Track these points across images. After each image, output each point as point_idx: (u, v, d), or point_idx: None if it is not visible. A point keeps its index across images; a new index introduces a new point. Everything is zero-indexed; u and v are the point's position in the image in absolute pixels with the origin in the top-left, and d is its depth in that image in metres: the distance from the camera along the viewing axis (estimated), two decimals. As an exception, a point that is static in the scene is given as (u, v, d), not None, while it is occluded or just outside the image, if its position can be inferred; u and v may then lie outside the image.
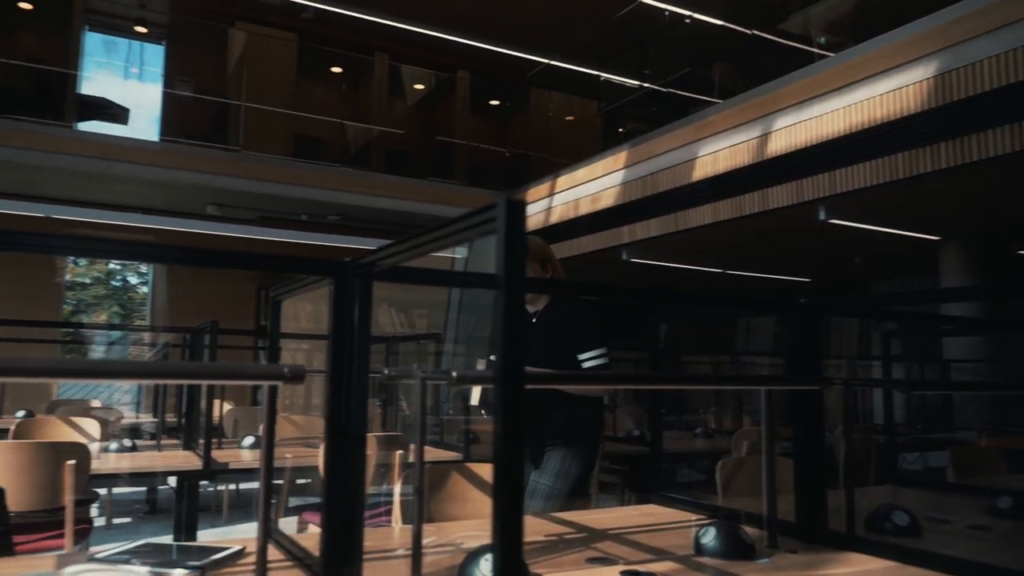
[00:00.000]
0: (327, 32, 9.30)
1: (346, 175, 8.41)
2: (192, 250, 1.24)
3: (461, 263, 7.02)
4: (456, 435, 3.94)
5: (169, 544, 1.64)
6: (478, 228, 0.97)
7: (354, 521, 1.30)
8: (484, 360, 2.66)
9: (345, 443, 1.30)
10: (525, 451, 2.58)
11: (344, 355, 1.31)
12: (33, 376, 0.82)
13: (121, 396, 11.03)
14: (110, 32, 9.63)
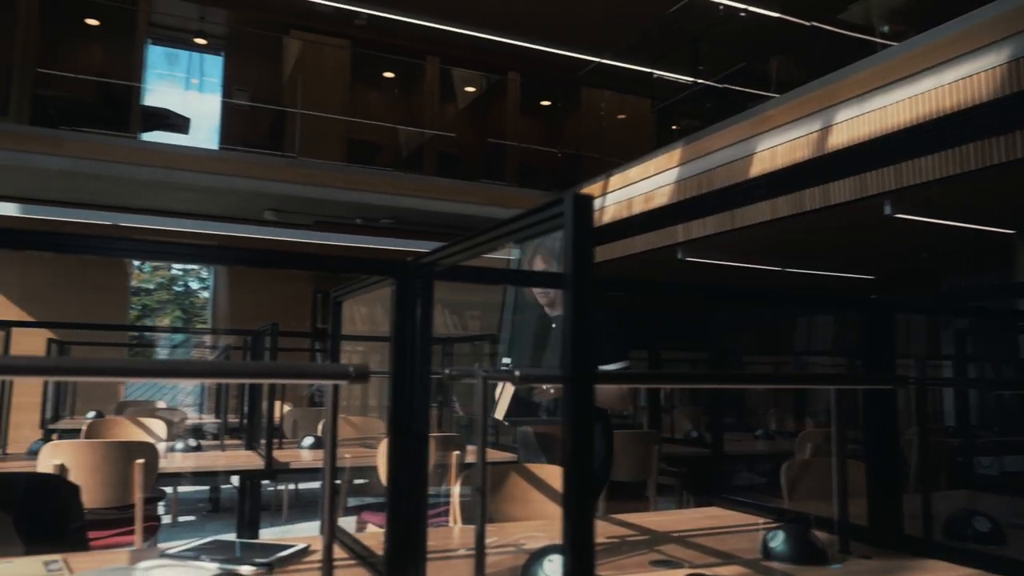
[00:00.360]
0: (379, 38, 9.42)
1: (399, 179, 8.49)
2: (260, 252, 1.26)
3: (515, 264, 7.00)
4: (511, 436, 3.93)
5: (236, 541, 1.67)
6: (543, 225, 0.96)
7: (418, 520, 1.30)
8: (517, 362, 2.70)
9: (408, 442, 1.30)
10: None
11: (406, 354, 1.31)
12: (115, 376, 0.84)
13: (184, 398, 11.37)
14: (171, 44, 9.94)
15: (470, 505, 2.02)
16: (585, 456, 0.83)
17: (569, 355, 0.83)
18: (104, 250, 1.11)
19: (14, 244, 1.11)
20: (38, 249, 0.98)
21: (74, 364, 0.80)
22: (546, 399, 2.43)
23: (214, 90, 9.88)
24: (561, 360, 0.84)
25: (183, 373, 1.01)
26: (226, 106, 9.47)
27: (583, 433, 0.83)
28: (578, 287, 0.86)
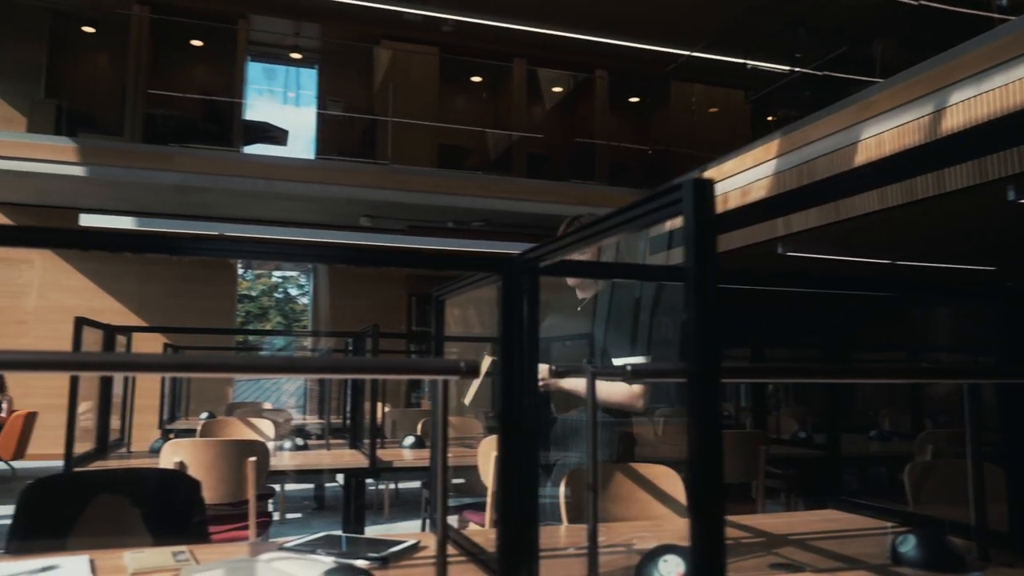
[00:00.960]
0: (466, 43, 9.54)
1: (488, 181, 8.57)
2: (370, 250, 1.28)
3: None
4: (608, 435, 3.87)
5: (348, 536, 1.70)
6: (660, 213, 0.92)
7: (530, 518, 1.29)
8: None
9: (518, 439, 1.29)
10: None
11: (514, 351, 1.30)
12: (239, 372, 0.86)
13: (287, 399, 11.81)
14: (269, 60, 10.37)
15: (575, 504, 2.00)
16: (714, 456, 0.79)
17: (694, 349, 0.80)
18: (234, 252, 1.16)
19: (135, 248, 1.17)
20: (157, 252, 1.02)
21: (212, 360, 0.83)
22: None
23: (310, 102, 10.25)
24: (684, 354, 0.81)
25: (302, 369, 1.03)
26: (321, 117, 9.80)
27: (711, 431, 0.79)
28: (701, 278, 0.82)
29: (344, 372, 0.93)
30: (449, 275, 1.86)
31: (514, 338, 1.30)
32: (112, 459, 3.34)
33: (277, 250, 1.43)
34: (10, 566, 1.34)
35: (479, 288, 1.77)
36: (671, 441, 5.55)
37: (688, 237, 0.84)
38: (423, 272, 9.11)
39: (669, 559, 1.33)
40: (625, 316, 2.35)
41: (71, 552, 1.46)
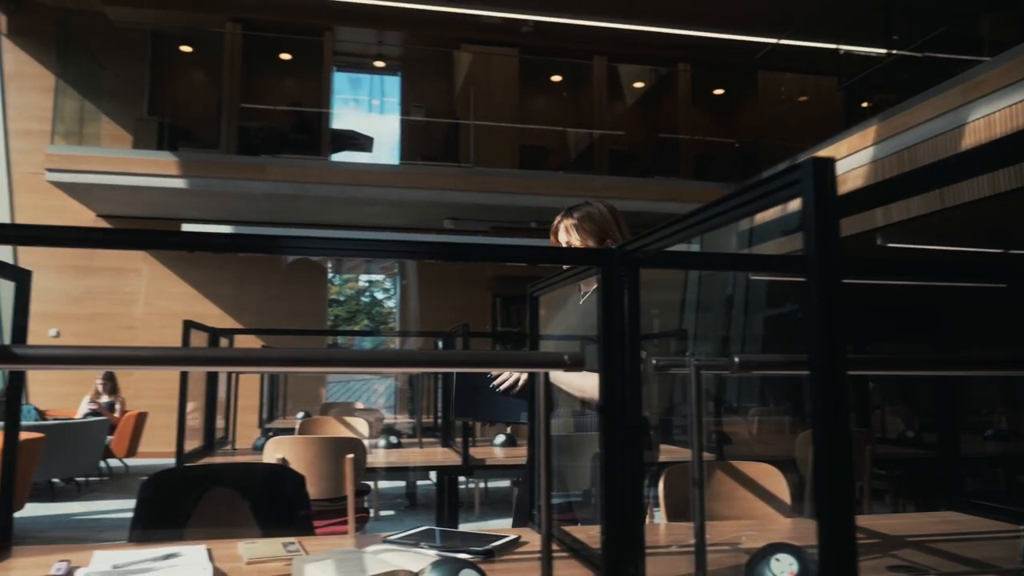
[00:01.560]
0: (546, 43, 9.54)
1: (570, 180, 8.55)
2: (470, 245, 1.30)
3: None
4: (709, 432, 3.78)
5: (450, 531, 1.72)
6: (775, 196, 0.89)
7: (636, 514, 1.27)
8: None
9: (622, 434, 1.27)
10: None
11: (615, 344, 1.28)
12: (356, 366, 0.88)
13: (377, 399, 12.09)
14: (354, 70, 10.66)
15: (675, 502, 1.96)
16: (843, 454, 0.75)
17: (818, 339, 0.76)
18: (337, 251, 1.18)
19: (237, 248, 1.21)
20: (257, 252, 1.05)
21: (325, 356, 0.86)
22: (508, 390, 1.99)
23: (393, 108, 10.47)
24: (808, 346, 0.77)
25: (408, 363, 1.04)
26: (404, 123, 10.00)
27: (838, 427, 0.75)
28: (824, 262, 0.78)
29: (449, 366, 0.93)
30: (540, 273, 1.86)
31: (615, 331, 1.29)
32: (218, 456, 3.48)
33: (379, 247, 1.45)
34: (135, 553, 1.41)
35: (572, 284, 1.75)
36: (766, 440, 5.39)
37: (808, 220, 0.80)
38: (508, 273, 9.17)
39: (781, 558, 1.28)
40: (715, 311, 2.28)
41: (189, 541, 1.53)
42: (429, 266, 9.54)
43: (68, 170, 7.94)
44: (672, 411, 4.33)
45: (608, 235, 2.12)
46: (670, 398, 4.47)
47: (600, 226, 2.11)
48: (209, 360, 1.00)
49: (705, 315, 7.39)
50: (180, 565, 1.36)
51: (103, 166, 8.06)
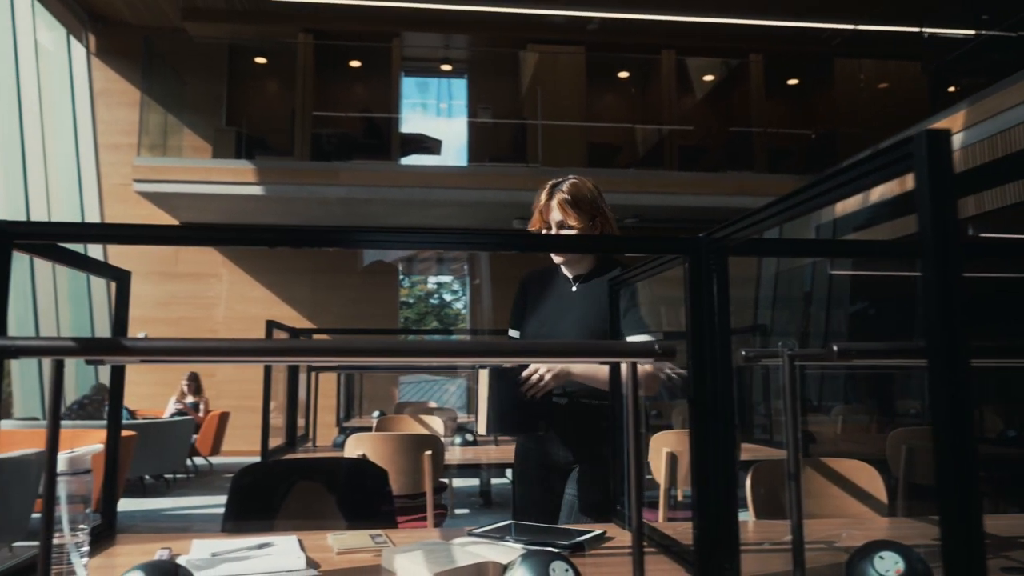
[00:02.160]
0: (612, 39, 9.47)
1: (640, 177, 8.45)
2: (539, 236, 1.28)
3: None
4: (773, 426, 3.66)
5: (534, 525, 1.71)
6: (884, 172, 0.84)
7: (729, 508, 1.23)
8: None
9: (713, 426, 1.24)
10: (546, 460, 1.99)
11: (704, 334, 1.25)
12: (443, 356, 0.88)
13: (449, 399, 12.22)
14: (421, 74, 10.80)
15: (763, 500, 1.90)
16: (966, 449, 0.70)
17: (938, 326, 0.71)
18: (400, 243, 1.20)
19: (313, 243, 1.24)
20: (334, 246, 1.06)
21: (415, 347, 0.86)
22: (542, 396, 1.80)
23: (460, 111, 10.56)
24: (925, 332, 0.72)
25: (498, 352, 1.04)
26: (472, 124, 10.07)
27: (962, 419, 0.70)
28: (942, 241, 0.73)
29: (537, 355, 0.93)
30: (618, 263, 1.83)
31: (704, 321, 1.25)
32: (300, 452, 3.57)
33: (463, 239, 1.46)
34: (231, 543, 1.45)
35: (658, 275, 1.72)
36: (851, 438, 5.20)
37: (923, 198, 0.75)
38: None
39: (886, 556, 1.22)
40: (792, 308, 2.18)
41: (279, 532, 1.56)
42: (499, 266, 9.57)
43: (153, 180, 8.30)
44: (750, 408, 4.21)
45: (598, 213, 1.98)
46: (748, 394, 4.35)
47: (591, 204, 1.98)
48: (304, 351, 1.02)
49: (781, 313, 7.19)
50: (274, 554, 1.39)
51: (185, 176, 8.40)
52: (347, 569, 1.31)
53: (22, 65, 8.38)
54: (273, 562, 1.34)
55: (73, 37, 9.57)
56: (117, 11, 9.50)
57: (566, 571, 1.15)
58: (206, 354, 1.01)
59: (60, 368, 1.08)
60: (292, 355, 1.08)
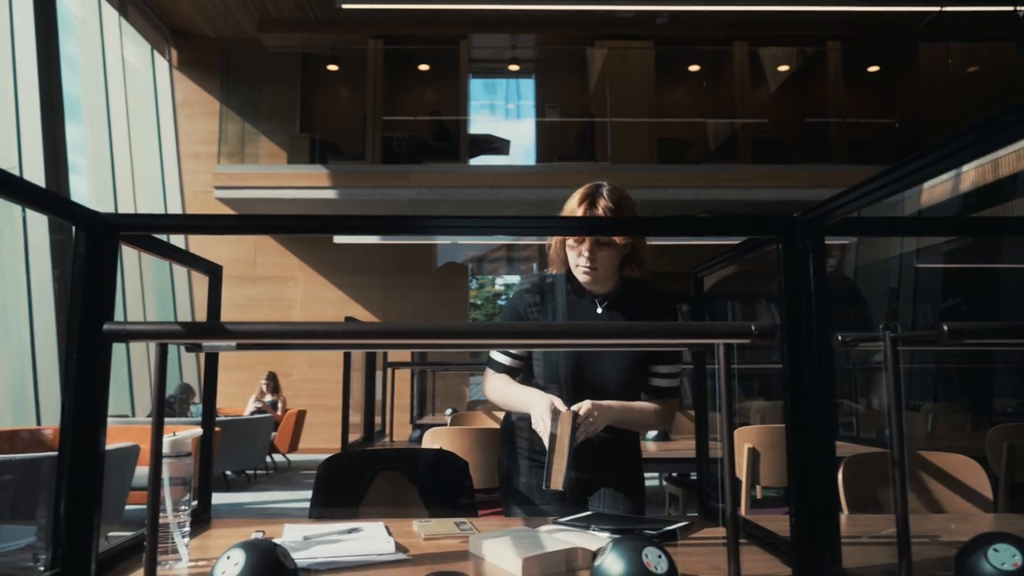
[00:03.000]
0: (682, 32, 9.32)
1: (712, 171, 8.29)
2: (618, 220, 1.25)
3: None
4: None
5: (618, 515, 1.68)
6: (1006, 133, 0.79)
7: (828, 496, 1.18)
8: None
9: (810, 413, 1.19)
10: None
11: (801, 318, 1.21)
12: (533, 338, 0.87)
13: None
14: (489, 76, 10.87)
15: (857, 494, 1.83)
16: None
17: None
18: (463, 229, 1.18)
19: (384, 231, 1.24)
20: (405, 233, 1.07)
21: (497, 329, 0.86)
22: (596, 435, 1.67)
23: (528, 110, 10.58)
24: None
25: (587, 334, 1.02)
26: (539, 123, 10.08)
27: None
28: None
29: (628, 337, 0.91)
30: (685, 270, 1.78)
31: (800, 303, 1.21)
32: (378, 447, 3.62)
33: (528, 224, 1.45)
34: (320, 527, 1.48)
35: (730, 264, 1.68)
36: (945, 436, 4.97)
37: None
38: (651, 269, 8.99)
39: (1001, 549, 1.15)
40: (875, 302, 2.05)
41: (365, 519, 1.58)
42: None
43: (232, 187, 8.60)
44: (834, 403, 4.07)
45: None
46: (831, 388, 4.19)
47: (632, 211, 1.85)
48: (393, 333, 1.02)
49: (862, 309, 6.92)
50: (364, 538, 1.41)
51: (262, 181, 8.67)
52: (435, 554, 1.32)
53: (111, 80, 8.80)
54: (364, 545, 1.36)
55: (157, 52, 10.00)
56: (197, 26, 9.88)
57: (659, 557, 1.13)
58: (302, 336, 1.03)
59: (164, 353, 1.12)
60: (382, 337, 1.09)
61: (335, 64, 10.52)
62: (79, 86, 8.41)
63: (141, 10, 9.31)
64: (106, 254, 1.15)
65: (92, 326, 1.09)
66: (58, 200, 1.10)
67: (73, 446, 1.09)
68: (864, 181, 1.07)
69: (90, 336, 1.09)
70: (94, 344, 1.09)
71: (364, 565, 1.23)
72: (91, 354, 1.10)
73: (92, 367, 1.10)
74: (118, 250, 1.18)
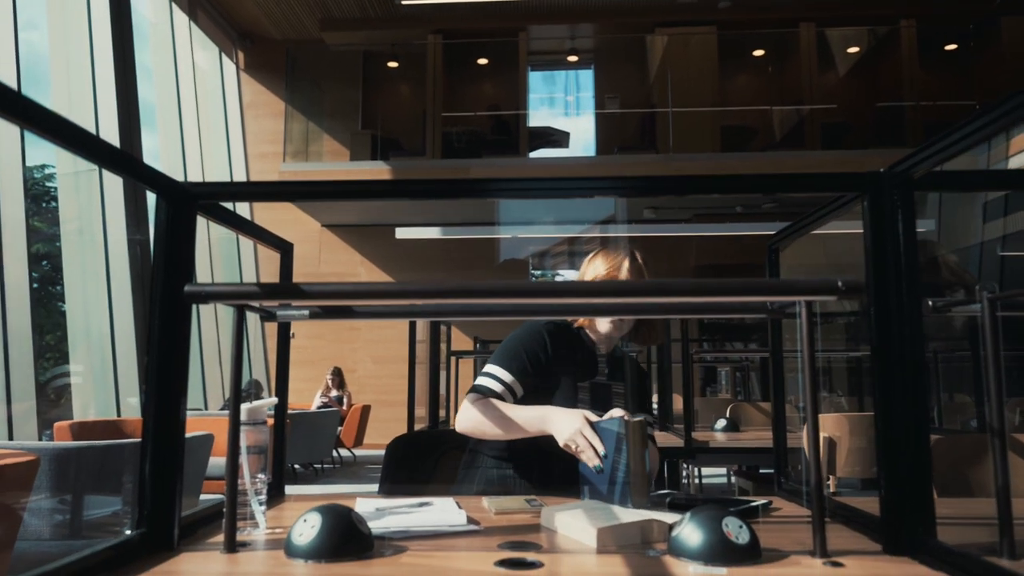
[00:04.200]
0: (745, 16, 9.09)
1: (779, 158, 8.08)
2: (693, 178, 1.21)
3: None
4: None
5: (693, 496, 1.64)
6: None
7: (922, 468, 1.12)
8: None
9: (900, 377, 1.13)
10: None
11: (889, 279, 1.14)
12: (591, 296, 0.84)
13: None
14: (547, 68, 10.83)
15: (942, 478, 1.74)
16: None
17: None
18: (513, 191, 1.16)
19: (446, 194, 1.23)
20: (467, 196, 1.05)
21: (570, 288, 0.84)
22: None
23: (587, 102, 10.51)
24: None
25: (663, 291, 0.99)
26: (599, 114, 9.99)
27: None
28: None
29: (709, 295, 0.87)
30: (748, 261, 1.71)
31: (888, 264, 1.15)
32: (443, 433, 3.64)
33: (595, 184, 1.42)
34: (392, 501, 1.48)
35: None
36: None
37: None
38: (714, 262, 8.83)
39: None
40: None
41: (433, 495, 1.58)
42: (629, 258, 9.42)
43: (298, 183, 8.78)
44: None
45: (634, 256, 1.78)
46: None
47: None
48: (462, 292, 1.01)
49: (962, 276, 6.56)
50: (435, 511, 1.41)
51: (326, 178, 8.81)
52: (507, 527, 1.30)
53: (182, 85, 9.10)
54: (436, 516, 1.35)
55: (224, 55, 10.29)
56: (262, 28, 10.13)
57: (740, 527, 1.09)
58: (376, 296, 1.02)
59: (242, 317, 1.14)
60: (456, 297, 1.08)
61: (395, 61, 10.64)
62: (152, 94, 8.74)
63: (209, 14, 9.59)
64: (185, 221, 1.17)
65: (173, 289, 1.11)
66: (141, 167, 1.12)
67: (156, 408, 1.12)
68: (957, 126, 1.01)
69: (171, 299, 1.12)
70: (175, 306, 1.12)
71: (436, 534, 1.22)
72: (173, 316, 1.12)
73: (174, 329, 1.12)
74: (195, 218, 1.20)
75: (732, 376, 7.56)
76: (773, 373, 1.59)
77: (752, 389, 7.62)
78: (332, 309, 1.44)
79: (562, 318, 1.79)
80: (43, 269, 10.46)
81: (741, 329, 8.99)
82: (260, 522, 1.25)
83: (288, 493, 1.68)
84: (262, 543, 1.17)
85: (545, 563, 1.03)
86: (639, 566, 1.03)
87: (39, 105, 0.84)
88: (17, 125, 0.83)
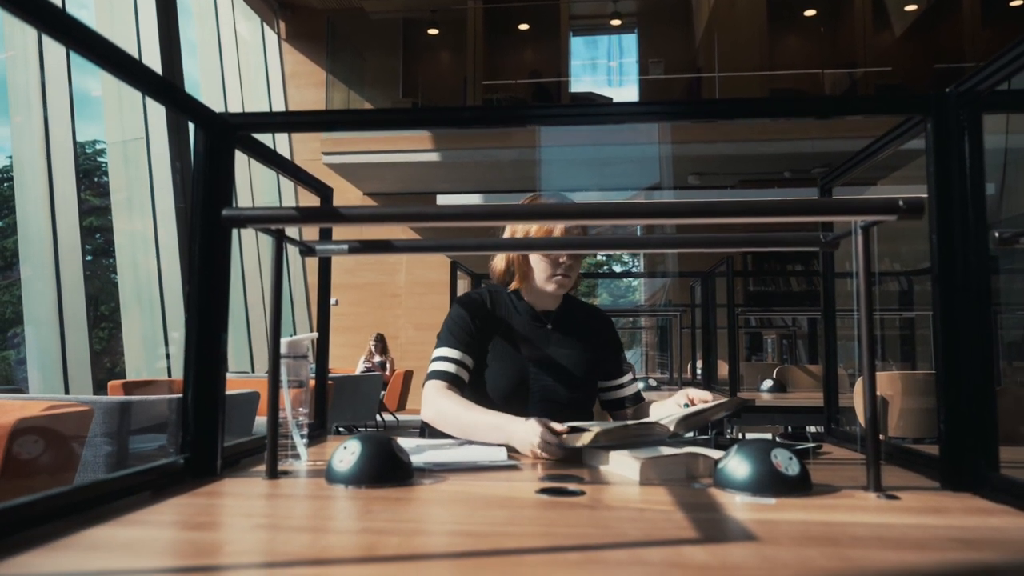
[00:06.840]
0: (797, -27, 8.80)
1: (831, 121, 7.81)
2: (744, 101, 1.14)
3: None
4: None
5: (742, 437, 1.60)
6: None
7: (986, 399, 1.06)
8: None
9: (963, 304, 1.07)
10: None
11: (954, 204, 1.08)
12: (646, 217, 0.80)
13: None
14: (590, 33, 10.65)
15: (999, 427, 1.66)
16: None
17: None
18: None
19: (483, 122, 1.19)
20: (507, 125, 1.01)
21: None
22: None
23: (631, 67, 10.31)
24: None
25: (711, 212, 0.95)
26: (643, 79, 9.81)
27: None
28: None
29: (753, 216, 0.82)
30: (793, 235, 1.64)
31: (953, 187, 1.08)
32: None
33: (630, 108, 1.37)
34: (432, 442, 1.48)
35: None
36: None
37: None
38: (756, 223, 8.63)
39: None
40: None
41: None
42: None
43: (340, 152, 8.82)
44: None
45: None
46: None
47: None
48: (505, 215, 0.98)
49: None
50: (476, 448, 1.40)
51: (368, 147, 8.84)
52: (550, 462, 1.28)
53: (224, 53, 9.17)
54: (477, 452, 1.34)
55: (266, 25, 10.34)
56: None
57: (790, 459, 1.05)
58: (414, 220, 1.00)
59: (281, 243, 1.13)
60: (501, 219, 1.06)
61: (435, 28, 10.56)
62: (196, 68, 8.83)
63: (251, -17, 9.63)
64: (224, 152, 1.17)
65: (212, 216, 1.10)
66: (182, 95, 1.11)
67: (198, 336, 1.12)
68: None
69: (210, 227, 1.11)
70: (215, 231, 1.11)
71: (478, 468, 1.21)
72: (211, 243, 1.12)
73: (213, 256, 1.12)
74: (234, 150, 1.20)
75: (779, 343, 7.43)
76: (824, 312, 1.53)
77: (799, 356, 7.49)
78: (372, 244, 1.43)
79: (495, 285, 1.80)
80: (95, 241, 10.74)
81: (789, 296, 8.83)
82: (301, 454, 1.25)
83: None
84: (303, 472, 1.17)
85: (587, 491, 1.01)
86: (683, 495, 1.01)
87: (89, 29, 0.84)
88: (65, 46, 0.83)
